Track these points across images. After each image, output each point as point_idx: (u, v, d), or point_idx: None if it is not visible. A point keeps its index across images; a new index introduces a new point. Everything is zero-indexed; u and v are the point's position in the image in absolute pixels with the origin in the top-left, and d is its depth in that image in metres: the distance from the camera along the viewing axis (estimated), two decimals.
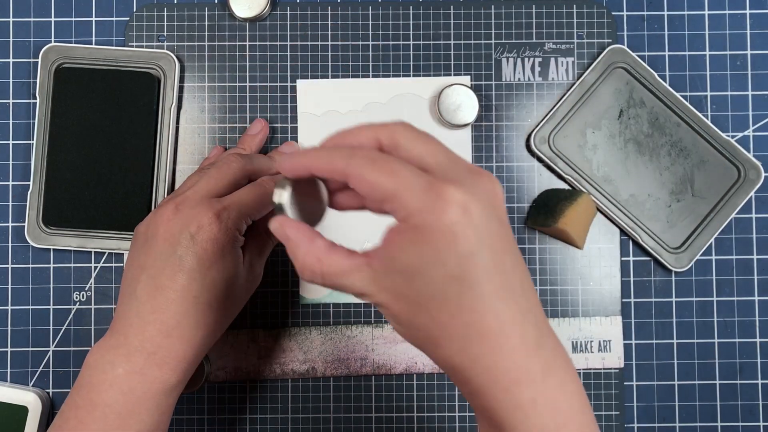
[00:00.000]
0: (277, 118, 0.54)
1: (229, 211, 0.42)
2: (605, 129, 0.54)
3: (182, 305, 0.41)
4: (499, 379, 0.31)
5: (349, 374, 0.53)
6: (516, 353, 0.31)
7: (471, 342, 0.31)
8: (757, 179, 0.53)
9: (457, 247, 0.30)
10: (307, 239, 0.33)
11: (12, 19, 0.55)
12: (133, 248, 0.44)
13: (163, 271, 0.41)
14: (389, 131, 0.32)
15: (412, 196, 0.30)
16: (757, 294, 0.54)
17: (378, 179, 0.30)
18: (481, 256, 0.30)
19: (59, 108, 0.52)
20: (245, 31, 0.54)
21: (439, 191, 0.30)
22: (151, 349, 0.41)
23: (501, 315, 0.31)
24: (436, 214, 0.30)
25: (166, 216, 0.42)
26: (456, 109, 0.53)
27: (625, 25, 0.55)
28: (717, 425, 0.54)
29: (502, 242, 0.31)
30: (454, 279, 0.30)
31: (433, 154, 0.32)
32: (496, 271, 0.31)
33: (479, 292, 0.30)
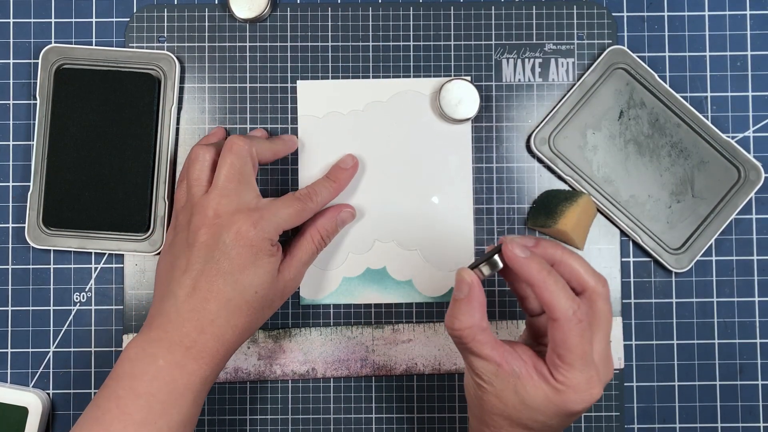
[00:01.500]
0: (277, 119, 0.54)
1: (265, 221, 0.46)
2: (605, 130, 0.54)
3: (216, 306, 0.44)
4: None
5: (349, 375, 0.53)
6: None
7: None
8: (758, 180, 0.53)
9: (573, 418, 0.40)
10: (480, 314, 0.40)
11: (12, 20, 0.55)
12: (168, 252, 0.47)
13: (202, 274, 0.45)
14: (594, 287, 0.40)
15: (581, 378, 0.38)
16: (757, 295, 0.54)
17: (574, 344, 0.38)
18: (568, 424, 0.41)
19: (59, 109, 0.52)
20: (245, 32, 0.54)
21: (595, 388, 0.39)
22: (188, 344, 0.44)
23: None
24: (585, 404, 0.39)
25: (207, 223, 0.45)
26: (457, 104, 0.53)
27: (626, 25, 0.55)
28: (717, 426, 0.54)
29: None
30: (545, 427, 0.40)
31: (601, 339, 0.40)
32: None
33: None
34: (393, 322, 0.53)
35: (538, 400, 0.39)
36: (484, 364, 0.40)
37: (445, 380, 0.53)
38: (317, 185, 0.50)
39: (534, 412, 0.39)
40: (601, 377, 0.39)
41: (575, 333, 0.38)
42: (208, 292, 0.44)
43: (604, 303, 0.40)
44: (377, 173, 0.54)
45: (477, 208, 0.54)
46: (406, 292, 0.54)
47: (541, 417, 0.39)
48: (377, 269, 0.54)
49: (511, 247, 0.39)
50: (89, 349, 0.53)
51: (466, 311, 0.40)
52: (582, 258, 0.41)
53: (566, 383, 0.38)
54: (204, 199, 0.46)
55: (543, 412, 0.39)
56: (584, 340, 0.38)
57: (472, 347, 0.40)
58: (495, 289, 0.54)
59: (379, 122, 0.54)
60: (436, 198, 0.54)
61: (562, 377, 0.38)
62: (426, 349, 0.53)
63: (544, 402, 0.39)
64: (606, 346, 0.40)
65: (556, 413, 0.39)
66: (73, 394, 0.53)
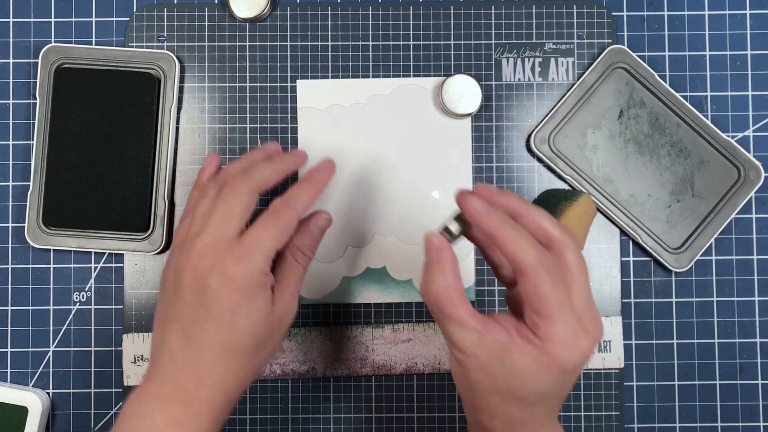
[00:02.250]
0: (277, 118, 0.54)
1: (251, 254, 0.41)
2: (605, 129, 0.54)
3: (211, 354, 0.41)
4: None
5: (349, 374, 0.53)
6: None
7: None
8: (757, 179, 0.53)
9: (567, 378, 0.37)
10: (453, 275, 0.38)
11: (12, 19, 0.55)
12: (162, 297, 0.44)
13: (193, 322, 0.41)
14: (560, 238, 0.38)
15: (563, 329, 0.36)
16: (757, 294, 0.54)
17: (546, 295, 0.36)
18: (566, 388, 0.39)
19: (59, 108, 0.52)
20: (245, 31, 0.54)
21: (581, 339, 0.36)
22: (185, 399, 0.41)
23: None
24: (574, 357, 0.36)
25: (191, 265, 0.42)
26: (459, 99, 0.53)
27: (626, 25, 0.55)
28: (717, 425, 0.54)
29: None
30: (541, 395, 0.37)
31: (579, 292, 0.37)
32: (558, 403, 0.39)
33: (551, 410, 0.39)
34: (393, 321, 0.53)
35: (526, 365, 0.36)
36: (465, 334, 0.37)
37: (445, 380, 0.53)
38: (292, 189, 0.44)
39: (525, 380, 0.36)
40: (588, 330, 0.36)
41: (546, 282, 0.35)
42: (201, 340, 0.41)
43: (574, 254, 0.37)
44: (378, 166, 0.54)
45: None
46: (406, 291, 0.54)
47: (533, 384, 0.37)
48: (377, 269, 0.54)
49: (469, 201, 0.37)
50: (89, 349, 0.53)
51: (439, 273, 0.38)
52: (545, 211, 0.38)
53: (550, 338, 0.36)
54: (194, 237, 0.43)
55: (534, 377, 0.36)
56: (558, 290, 0.36)
57: (450, 312, 0.37)
58: (494, 288, 0.54)
59: (380, 115, 0.54)
60: (436, 193, 0.54)
61: (544, 333, 0.36)
62: (426, 348, 0.53)
63: (533, 366, 0.36)
64: (587, 299, 0.37)
65: (548, 375, 0.36)
66: (73, 393, 0.53)
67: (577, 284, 0.37)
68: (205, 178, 0.48)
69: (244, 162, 0.46)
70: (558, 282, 0.36)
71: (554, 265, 0.37)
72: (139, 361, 0.53)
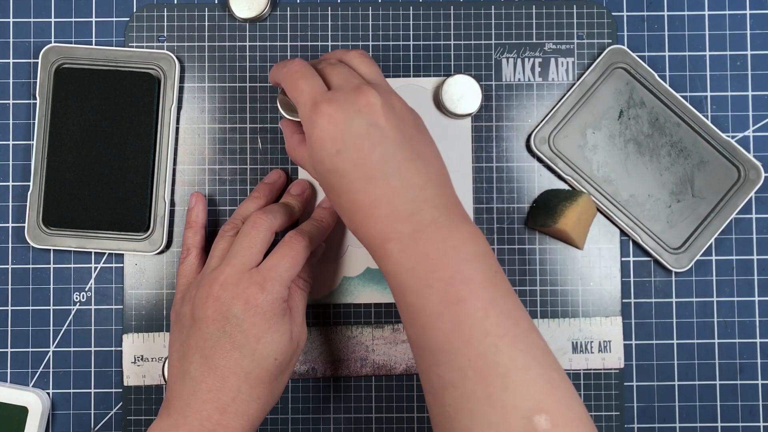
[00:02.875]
0: (277, 118, 0.54)
1: (272, 282, 0.44)
2: (605, 129, 0.54)
3: (236, 381, 0.42)
4: (374, 238, 0.41)
5: (349, 374, 0.53)
6: (385, 220, 0.40)
7: (352, 214, 0.41)
8: (757, 179, 0.53)
9: (326, 148, 0.41)
10: (289, 132, 0.49)
11: (12, 19, 0.55)
12: (178, 329, 0.45)
13: (215, 350, 0.43)
14: (341, 55, 0.46)
15: (303, 110, 0.42)
16: (757, 294, 0.54)
17: (289, 91, 0.44)
18: (347, 152, 0.40)
19: (59, 108, 0.52)
20: (245, 32, 0.54)
21: (316, 107, 0.41)
22: (210, 427, 0.42)
23: (370, 193, 0.40)
24: (312, 125, 0.41)
25: (213, 296, 0.43)
26: (459, 99, 0.53)
27: (625, 25, 0.55)
28: (717, 425, 0.54)
29: (369, 139, 0.40)
30: (331, 172, 0.41)
31: (337, 74, 0.43)
32: (361, 162, 0.40)
33: (349, 179, 0.41)
34: (393, 321, 0.53)
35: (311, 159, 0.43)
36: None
37: None
38: (306, 225, 0.49)
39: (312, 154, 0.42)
40: (333, 95, 0.41)
41: (287, 84, 0.44)
42: (225, 368, 0.42)
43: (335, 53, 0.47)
44: None
45: (477, 207, 0.54)
46: None
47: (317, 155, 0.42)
48: (377, 269, 0.54)
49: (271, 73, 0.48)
50: (89, 349, 0.53)
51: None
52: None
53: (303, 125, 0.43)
54: (213, 272, 0.45)
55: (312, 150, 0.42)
56: (295, 84, 0.43)
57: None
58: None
59: None
60: None
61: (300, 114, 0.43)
62: None
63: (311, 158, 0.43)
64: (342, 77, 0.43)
65: (314, 145, 0.42)
66: (73, 393, 0.53)
67: (335, 67, 0.44)
68: (193, 217, 0.51)
69: (259, 201, 0.51)
70: (296, 78, 0.43)
71: (302, 68, 0.43)
72: (139, 361, 0.53)
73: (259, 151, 0.54)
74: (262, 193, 0.51)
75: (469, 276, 0.38)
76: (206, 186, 0.54)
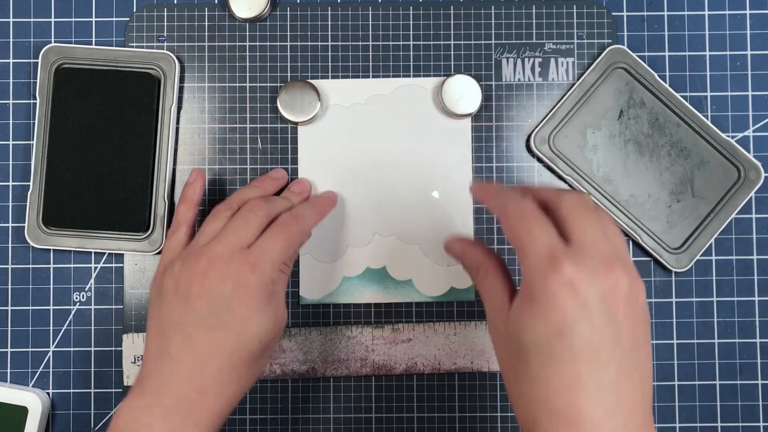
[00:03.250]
0: (277, 118, 0.54)
1: (263, 263, 0.43)
2: (605, 129, 0.54)
3: (218, 362, 0.41)
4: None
5: (349, 375, 0.53)
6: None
7: (542, 415, 0.34)
8: (757, 179, 0.53)
9: (550, 317, 0.33)
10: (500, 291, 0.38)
11: (12, 19, 0.55)
12: (158, 304, 0.43)
13: (199, 328, 0.41)
14: (561, 199, 0.36)
15: (534, 257, 0.34)
16: (757, 294, 0.54)
17: (518, 233, 0.35)
18: (573, 338, 0.33)
19: (59, 108, 0.52)
20: (245, 31, 0.54)
21: (556, 262, 0.33)
22: (187, 407, 0.40)
23: (575, 394, 0.33)
24: (545, 283, 0.33)
25: (199, 271, 0.42)
26: (459, 99, 0.53)
27: (625, 25, 0.55)
28: (717, 425, 0.54)
29: (607, 340, 0.33)
30: (538, 348, 0.34)
31: (584, 232, 0.35)
32: (585, 360, 0.33)
33: (556, 366, 0.33)
34: (393, 321, 0.53)
35: (516, 310, 0.36)
36: None
37: (445, 380, 0.53)
38: (300, 208, 0.48)
39: (516, 327, 0.35)
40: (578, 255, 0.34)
41: (514, 219, 0.36)
42: (208, 348, 0.41)
43: (571, 195, 0.36)
44: (378, 166, 0.54)
45: (477, 207, 0.54)
46: (406, 291, 0.54)
47: (523, 332, 0.34)
48: (377, 269, 0.54)
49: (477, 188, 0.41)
50: (89, 349, 0.53)
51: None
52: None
53: (526, 270, 0.34)
54: (203, 248, 0.43)
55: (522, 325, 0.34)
56: (529, 224, 0.35)
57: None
58: None
59: (380, 115, 0.54)
60: (436, 193, 0.54)
61: (523, 271, 0.35)
62: (426, 348, 0.53)
63: (520, 310, 0.35)
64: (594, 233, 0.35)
65: (532, 319, 0.34)
66: (73, 393, 0.53)
67: (575, 220, 0.35)
68: (190, 193, 0.50)
69: (258, 190, 0.49)
70: (527, 219, 0.35)
71: (533, 211, 0.36)
72: (139, 361, 0.53)
73: (259, 151, 0.54)
74: (262, 183, 0.51)
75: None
76: (206, 186, 0.54)
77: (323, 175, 0.54)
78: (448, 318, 0.54)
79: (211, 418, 0.41)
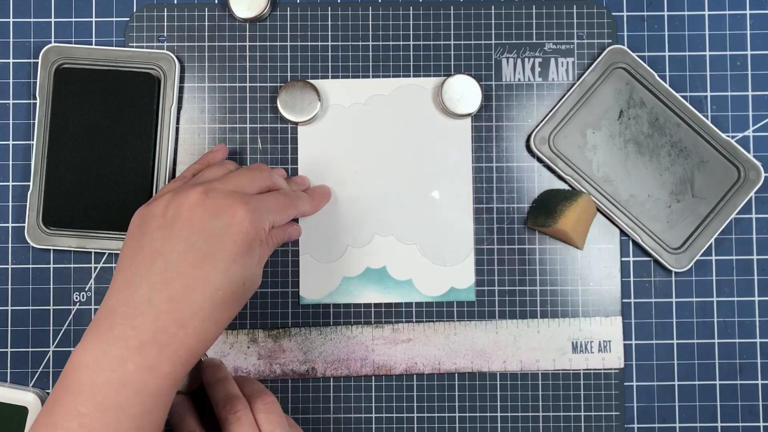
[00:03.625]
0: (277, 118, 0.54)
1: (260, 211, 0.42)
2: (605, 129, 0.54)
3: (201, 296, 0.38)
4: None
5: (349, 375, 0.53)
6: None
7: None
8: (757, 179, 0.53)
9: None
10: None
11: (12, 19, 0.55)
12: (138, 232, 0.41)
13: (185, 257, 0.39)
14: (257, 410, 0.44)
15: None
16: (757, 294, 0.54)
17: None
18: None
19: (59, 108, 0.52)
20: (245, 31, 0.54)
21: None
22: (164, 341, 0.37)
23: None
24: None
25: (192, 200, 0.40)
26: (459, 99, 0.53)
27: (625, 25, 0.55)
28: (717, 425, 0.54)
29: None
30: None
31: None
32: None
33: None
34: (393, 321, 0.53)
35: None
36: None
37: (445, 380, 0.53)
38: (298, 193, 0.49)
39: None
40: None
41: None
42: (193, 278, 0.38)
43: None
44: (378, 166, 0.54)
45: (477, 207, 0.54)
46: (406, 291, 0.54)
47: None
48: (377, 269, 0.54)
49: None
50: None
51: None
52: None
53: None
54: (200, 180, 0.43)
55: None
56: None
57: None
58: (494, 288, 0.54)
59: (380, 115, 0.54)
60: (436, 193, 0.54)
61: None
62: (426, 348, 0.53)
63: None
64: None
65: None
66: None
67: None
68: (210, 158, 0.50)
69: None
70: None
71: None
72: None
73: (259, 151, 0.54)
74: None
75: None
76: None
77: (323, 175, 0.54)
78: (448, 318, 0.54)
79: (187, 355, 0.38)
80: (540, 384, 0.53)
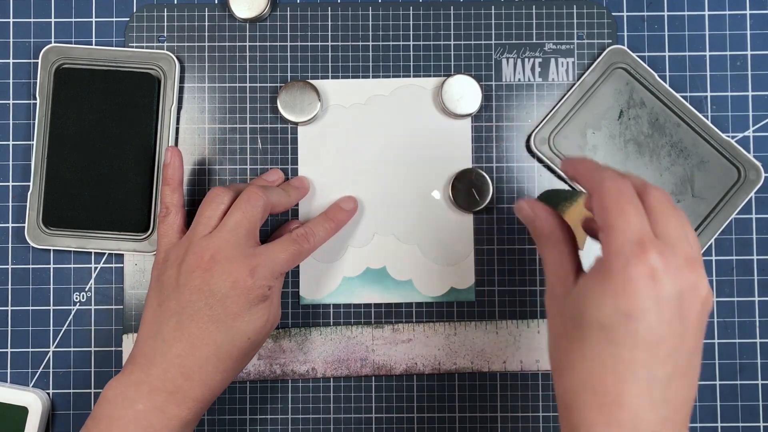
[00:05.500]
0: (277, 118, 0.54)
1: (263, 268, 0.45)
2: (605, 129, 0.54)
3: (206, 352, 0.44)
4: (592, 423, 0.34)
5: (349, 375, 0.53)
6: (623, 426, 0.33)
7: (585, 391, 0.34)
8: (757, 180, 0.53)
9: (622, 299, 0.33)
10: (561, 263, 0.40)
11: (12, 19, 0.55)
12: (157, 290, 0.46)
13: (193, 319, 0.44)
14: (649, 191, 0.37)
15: (619, 240, 0.34)
16: (757, 294, 0.54)
17: (610, 211, 0.35)
18: (639, 325, 0.33)
19: (59, 108, 0.52)
20: (245, 32, 0.54)
21: (643, 250, 0.33)
22: (171, 389, 0.43)
23: (619, 388, 0.33)
24: (626, 263, 0.33)
25: (202, 267, 0.44)
26: (459, 99, 0.53)
27: (625, 25, 0.55)
28: (717, 425, 0.54)
29: (672, 336, 0.33)
30: (601, 328, 0.34)
31: (670, 228, 0.35)
32: (645, 349, 0.33)
33: (618, 351, 0.33)
34: (393, 321, 0.53)
35: (585, 283, 0.36)
36: None
37: (445, 380, 0.53)
38: (314, 225, 0.49)
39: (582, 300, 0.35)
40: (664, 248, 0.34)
41: (609, 195, 0.36)
42: (199, 338, 0.44)
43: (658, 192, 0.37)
44: (378, 166, 0.54)
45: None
46: (406, 291, 0.54)
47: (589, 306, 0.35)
48: (377, 269, 0.54)
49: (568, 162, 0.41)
50: (89, 349, 0.53)
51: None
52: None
53: (609, 251, 0.34)
54: (204, 239, 0.45)
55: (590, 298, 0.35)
56: (623, 203, 0.35)
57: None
58: (494, 288, 0.54)
59: (381, 115, 0.54)
60: (436, 193, 0.54)
61: (605, 247, 0.35)
62: (426, 348, 0.53)
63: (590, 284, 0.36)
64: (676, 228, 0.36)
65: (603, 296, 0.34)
66: (73, 394, 0.53)
67: (664, 215, 0.36)
68: (170, 173, 0.49)
69: (257, 183, 0.50)
70: (625, 199, 0.35)
71: (631, 194, 0.36)
72: None
73: (259, 151, 0.54)
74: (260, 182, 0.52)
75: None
76: (206, 186, 0.54)
77: (323, 175, 0.54)
78: (448, 318, 0.54)
79: (193, 401, 0.43)
80: (540, 384, 0.53)
